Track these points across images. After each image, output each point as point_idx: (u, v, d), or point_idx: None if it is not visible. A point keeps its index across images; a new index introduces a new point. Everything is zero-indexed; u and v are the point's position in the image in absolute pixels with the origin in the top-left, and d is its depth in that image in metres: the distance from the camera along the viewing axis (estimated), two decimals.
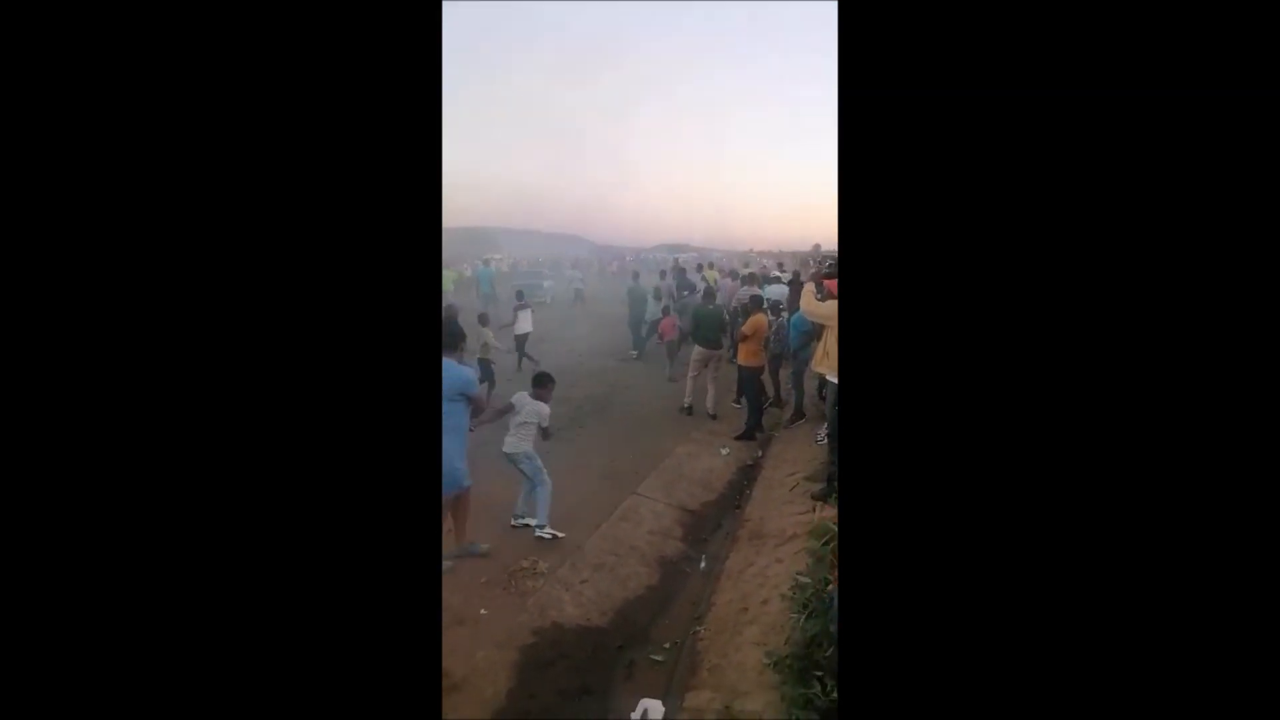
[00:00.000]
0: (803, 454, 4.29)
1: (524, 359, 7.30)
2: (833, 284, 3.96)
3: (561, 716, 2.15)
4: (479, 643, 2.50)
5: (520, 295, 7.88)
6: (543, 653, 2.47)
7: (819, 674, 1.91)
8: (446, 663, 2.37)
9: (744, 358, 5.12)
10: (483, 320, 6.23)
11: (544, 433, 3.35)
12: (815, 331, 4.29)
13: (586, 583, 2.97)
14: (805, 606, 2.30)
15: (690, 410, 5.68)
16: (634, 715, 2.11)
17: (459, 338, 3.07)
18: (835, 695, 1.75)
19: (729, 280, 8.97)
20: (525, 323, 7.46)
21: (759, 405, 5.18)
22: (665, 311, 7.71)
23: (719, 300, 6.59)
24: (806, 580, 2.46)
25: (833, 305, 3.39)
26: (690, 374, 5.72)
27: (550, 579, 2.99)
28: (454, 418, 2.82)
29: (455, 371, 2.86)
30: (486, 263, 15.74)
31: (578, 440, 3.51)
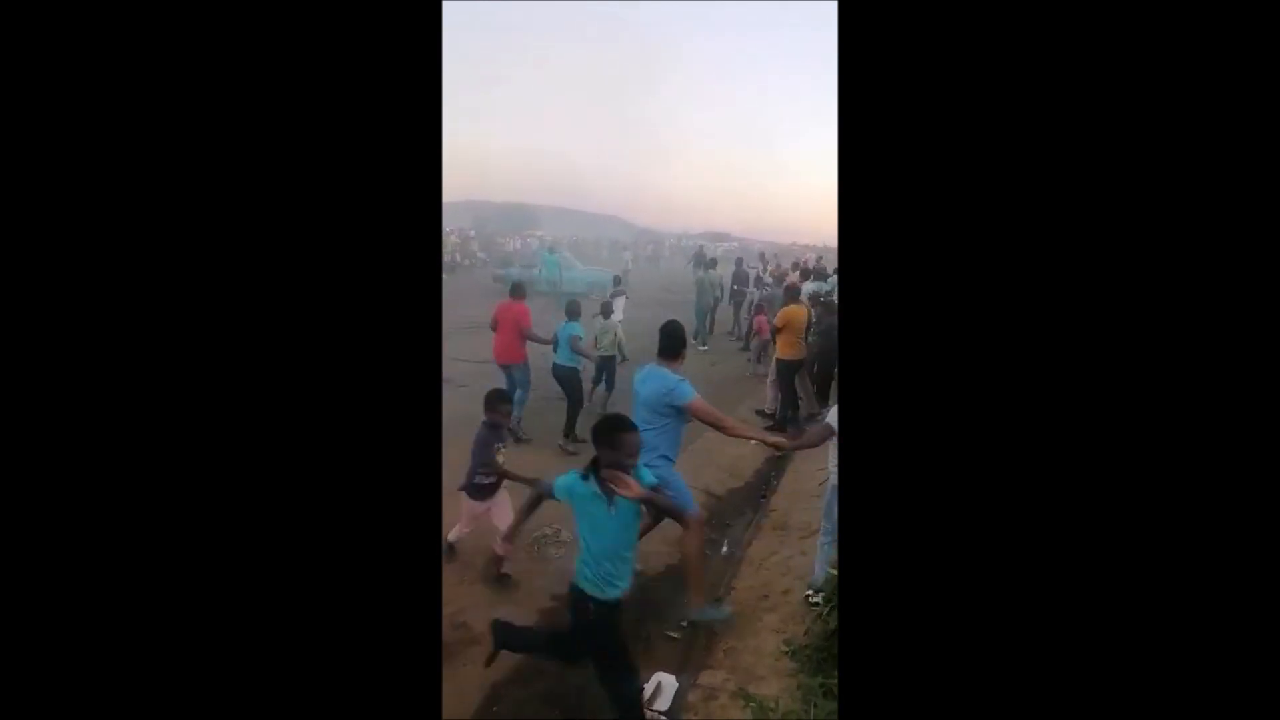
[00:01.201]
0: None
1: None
2: None
3: (577, 679, 2.17)
4: (500, 601, 2.55)
5: (617, 281, 7.78)
6: (560, 617, 2.50)
7: None
8: (467, 617, 2.43)
9: (781, 350, 5.02)
10: (605, 310, 5.58)
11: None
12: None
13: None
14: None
15: (773, 416, 5.26)
16: (647, 687, 2.12)
17: (680, 346, 2.53)
18: None
19: (795, 275, 8.37)
20: (620, 311, 7.08)
21: (793, 398, 5.08)
22: (759, 308, 7.21)
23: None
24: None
25: None
26: (770, 378, 5.35)
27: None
28: (661, 435, 2.34)
29: (661, 379, 2.35)
30: (552, 250, 12.83)
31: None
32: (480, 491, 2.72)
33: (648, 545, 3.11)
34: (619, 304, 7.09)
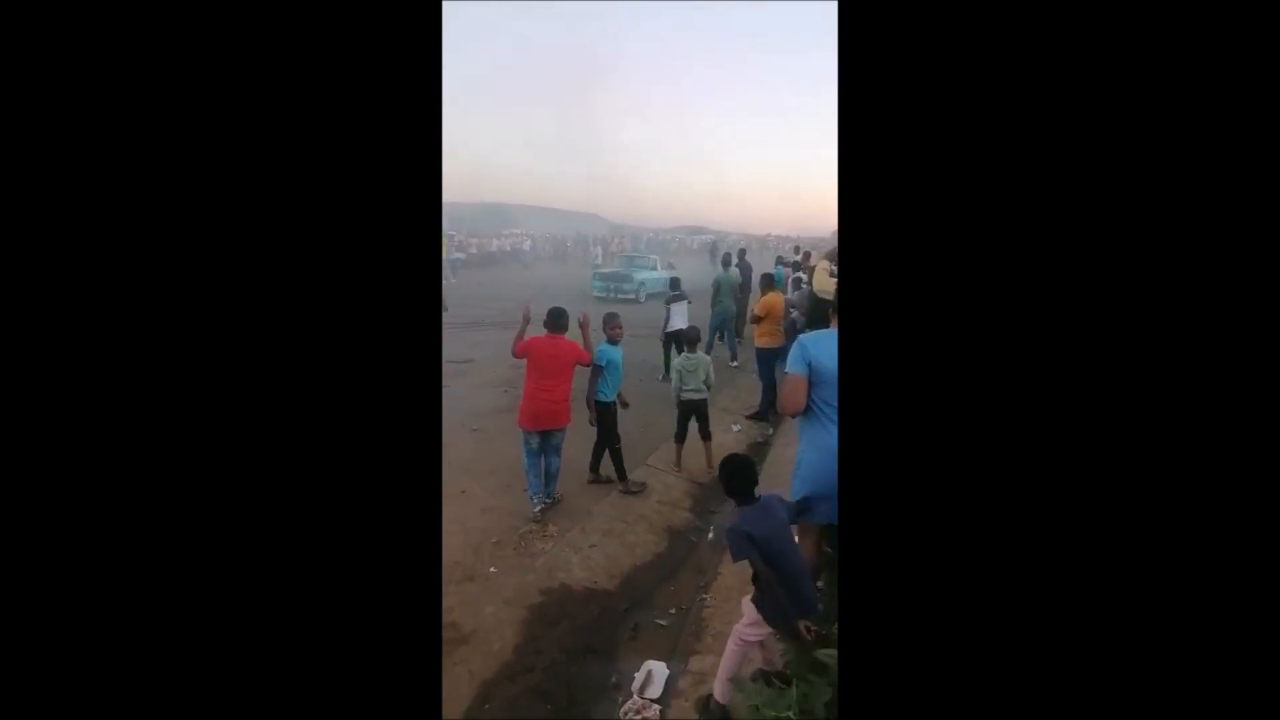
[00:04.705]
0: None
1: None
2: None
3: (566, 674, 2.18)
4: (487, 599, 2.54)
5: (675, 284, 6.18)
6: (549, 612, 2.50)
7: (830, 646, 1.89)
8: (455, 616, 2.41)
9: (759, 339, 5.06)
10: (685, 338, 4.20)
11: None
12: (826, 310, 4.13)
13: (595, 547, 2.99)
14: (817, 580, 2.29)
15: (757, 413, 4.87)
16: (638, 675, 2.13)
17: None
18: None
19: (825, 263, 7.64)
20: (680, 318, 5.79)
21: (773, 386, 5.13)
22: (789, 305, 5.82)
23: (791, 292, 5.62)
24: (828, 550, 2.44)
25: None
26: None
27: (559, 542, 3.01)
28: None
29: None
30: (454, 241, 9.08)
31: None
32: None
33: (633, 535, 3.13)
34: (679, 311, 5.83)
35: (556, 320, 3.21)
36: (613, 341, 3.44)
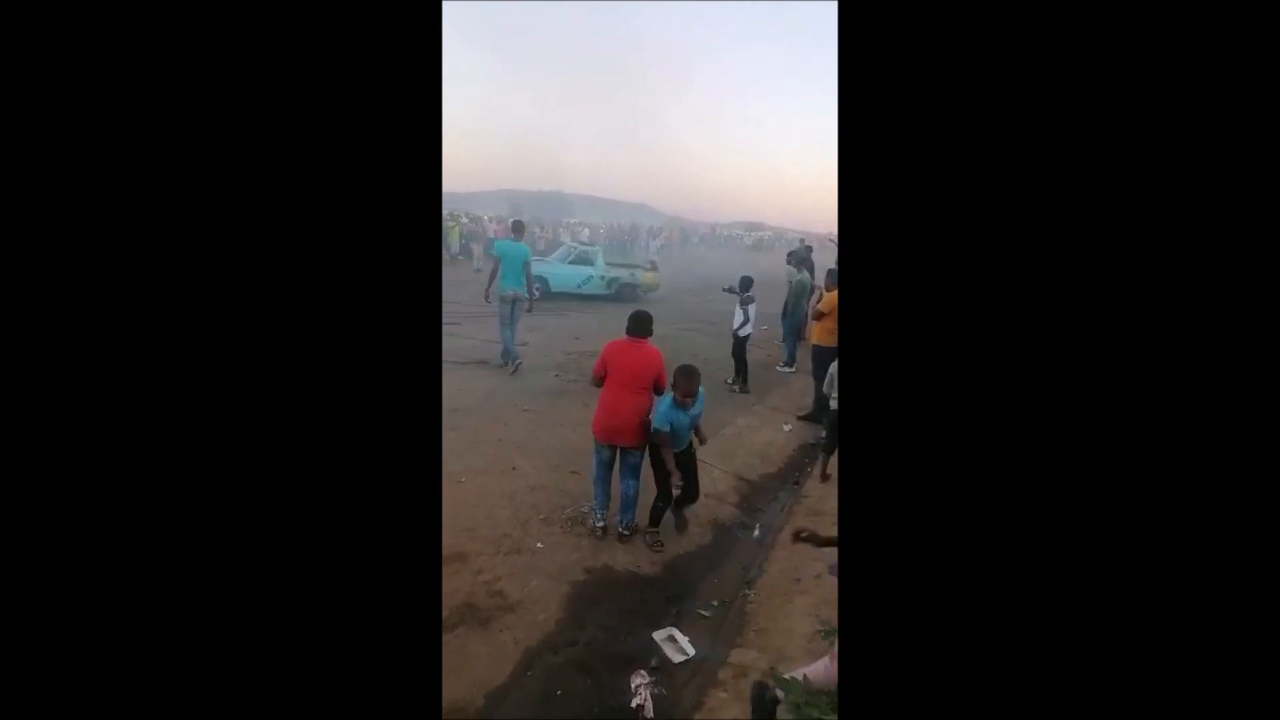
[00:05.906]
0: None
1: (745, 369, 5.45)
2: None
3: (608, 650, 2.22)
4: (534, 572, 2.61)
5: (747, 284, 5.51)
6: (593, 590, 2.55)
7: None
8: (503, 585, 2.49)
9: (819, 336, 4.93)
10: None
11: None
12: None
13: (639, 533, 3.02)
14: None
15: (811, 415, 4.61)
16: (659, 633, 2.15)
17: None
18: None
19: None
20: (751, 322, 5.59)
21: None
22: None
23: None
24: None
25: None
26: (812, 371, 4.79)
27: (605, 525, 3.06)
28: None
29: None
30: (517, 230, 5.76)
31: None
32: None
33: (668, 522, 3.14)
34: (752, 315, 5.57)
35: (641, 325, 2.79)
36: (680, 407, 2.67)
